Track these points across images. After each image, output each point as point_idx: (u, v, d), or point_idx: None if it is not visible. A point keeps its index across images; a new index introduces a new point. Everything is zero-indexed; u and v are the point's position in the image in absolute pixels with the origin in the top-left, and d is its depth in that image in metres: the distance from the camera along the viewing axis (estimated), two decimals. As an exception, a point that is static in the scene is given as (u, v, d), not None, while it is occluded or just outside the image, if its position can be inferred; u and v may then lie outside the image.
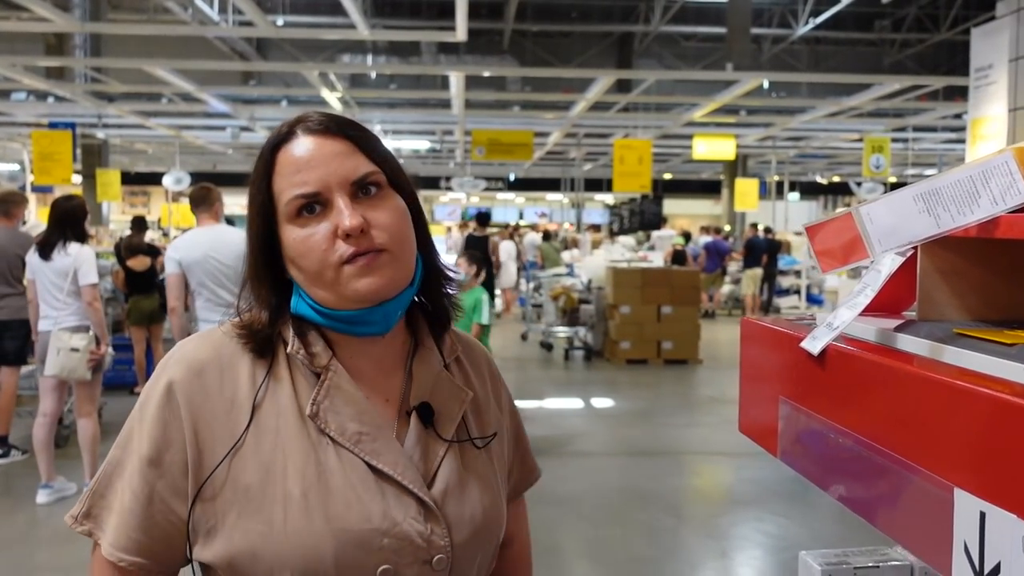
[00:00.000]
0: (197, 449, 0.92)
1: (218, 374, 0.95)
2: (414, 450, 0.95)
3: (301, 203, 0.92)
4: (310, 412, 0.92)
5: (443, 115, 15.29)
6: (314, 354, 0.96)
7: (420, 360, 1.01)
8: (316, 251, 0.92)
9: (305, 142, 0.95)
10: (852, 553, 1.39)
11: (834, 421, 0.98)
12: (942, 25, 21.64)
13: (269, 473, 0.90)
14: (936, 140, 17.98)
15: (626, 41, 23.79)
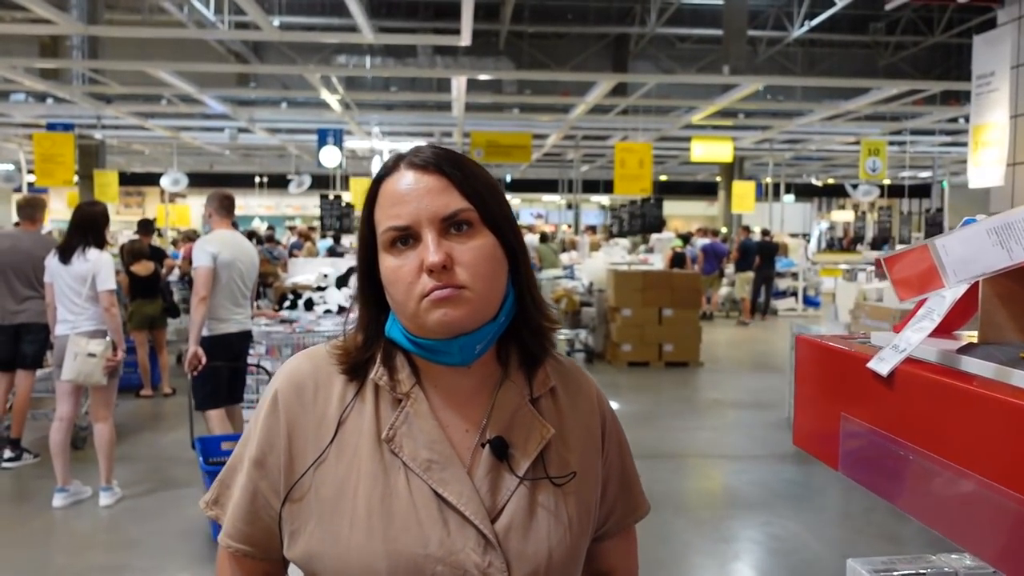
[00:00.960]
0: (289, 455, 1.01)
1: (314, 390, 1.02)
2: (483, 483, 0.98)
3: (394, 235, 0.98)
4: (386, 436, 0.98)
5: (441, 117, 15.33)
6: (398, 381, 1.01)
7: (504, 392, 1.03)
8: (403, 282, 0.96)
9: (406, 176, 0.99)
10: (897, 561, 1.44)
11: (903, 438, 1.03)
12: (936, 28, 21.81)
13: (343, 488, 0.97)
14: (932, 143, 18.10)
15: (622, 43, 23.87)
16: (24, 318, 5.48)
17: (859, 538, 4.66)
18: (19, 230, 5.66)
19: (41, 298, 5.46)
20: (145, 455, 5.79)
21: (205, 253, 4.70)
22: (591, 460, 1.09)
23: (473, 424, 1.02)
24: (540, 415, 1.04)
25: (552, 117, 15.61)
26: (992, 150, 6.29)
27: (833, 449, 1.24)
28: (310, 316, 6.78)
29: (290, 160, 21.00)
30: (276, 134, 17.22)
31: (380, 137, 16.88)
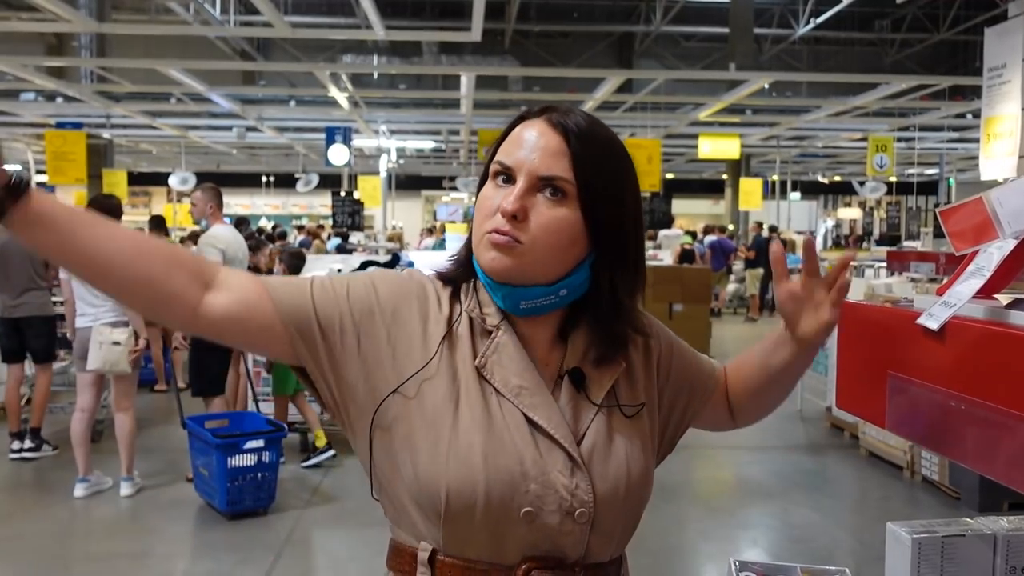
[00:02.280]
0: (391, 345, 1.03)
1: (421, 301, 1.06)
2: (565, 409, 1.03)
3: (497, 169, 1.02)
4: (478, 363, 1.02)
5: (447, 115, 15.36)
6: (487, 314, 1.05)
7: (578, 329, 1.08)
8: (482, 212, 1.02)
9: (536, 126, 1.03)
10: (936, 524, 1.46)
11: (955, 390, 1.06)
12: (942, 25, 21.81)
13: (446, 401, 1.00)
14: (940, 140, 18.09)
15: (627, 41, 23.93)
16: (24, 312, 5.54)
17: (877, 525, 4.67)
18: None
19: (39, 290, 5.55)
20: (162, 447, 5.83)
21: (216, 251, 4.88)
22: (651, 393, 1.15)
23: (552, 362, 1.07)
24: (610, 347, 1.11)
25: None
26: (1004, 142, 6.30)
27: (880, 408, 1.27)
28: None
29: (297, 159, 21.05)
30: (284, 133, 17.27)
31: (387, 135, 16.92)
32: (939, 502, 4.99)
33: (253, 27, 14.14)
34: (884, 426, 1.25)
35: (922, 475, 5.30)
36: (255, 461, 4.49)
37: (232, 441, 4.45)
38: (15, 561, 4.05)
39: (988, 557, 1.42)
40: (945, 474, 5.05)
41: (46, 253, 0.96)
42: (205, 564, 4.04)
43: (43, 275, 5.65)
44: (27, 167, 18.03)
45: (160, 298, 0.97)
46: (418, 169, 26.29)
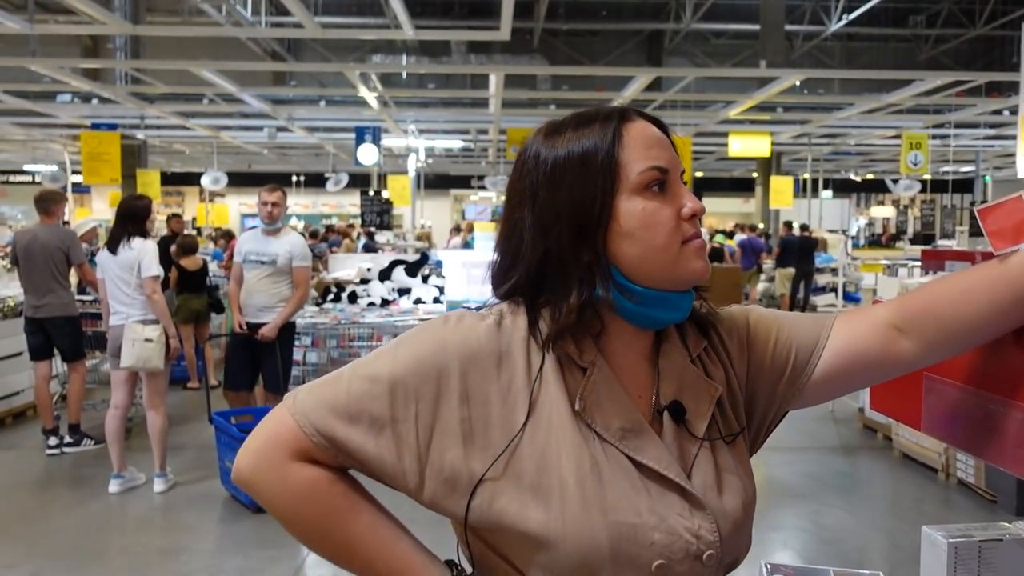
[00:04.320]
0: (469, 424, 0.93)
1: (497, 359, 0.95)
2: (671, 447, 0.96)
3: (655, 177, 0.95)
4: (578, 407, 0.93)
5: (476, 114, 15.39)
6: (582, 349, 0.96)
7: (665, 355, 1.01)
8: (665, 225, 0.95)
9: (648, 125, 0.99)
10: (972, 528, 1.44)
11: (994, 392, 1.04)
12: (978, 21, 21.46)
13: (544, 461, 0.91)
14: (975, 137, 17.80)
15: (656, 39, 23.80)
16: (46, 312, 5.63)
17: (911, 527, 4.61)
18: (38, 225, 5.80)
19: (63, 290, 5.64)
20: (194, 444, 5.90)
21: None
22: (739, 395, 1.06)
23: (644, 389, 1.00)
24: (706, 372, 1.03)
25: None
26: (1042, 138, 6.19)
27: (915, 409, 1.25)
28: (354, 308, 6.86)
29: (327, 159, 21.19)
30: (314, 133, 17.40)
31: (416, 135, 16.99)
32: (975, 505, 4.92)
33: (284, 28, 14.24)
34: (920, 428, 1.23)
35: (957, 477, 5.22)
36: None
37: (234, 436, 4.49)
38: (52, 556, 4.12)
39: (1027, 562, 1.40)
40: (981, 477, 4.97)
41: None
42: (235, 560, 4.09)
43: (66, 275, 5.75)
44: (63, 168, 18.31)
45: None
46: (447, 168, 26.38)
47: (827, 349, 1.05)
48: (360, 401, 0.94)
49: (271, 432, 0.97)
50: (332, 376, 0.99)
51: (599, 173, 0.95)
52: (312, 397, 0.96)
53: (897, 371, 1.06)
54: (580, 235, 0.95)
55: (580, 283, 0.95)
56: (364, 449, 0.94)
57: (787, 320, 1.09)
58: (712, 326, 1.06)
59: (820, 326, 1.06)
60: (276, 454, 0.96)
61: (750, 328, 1.08)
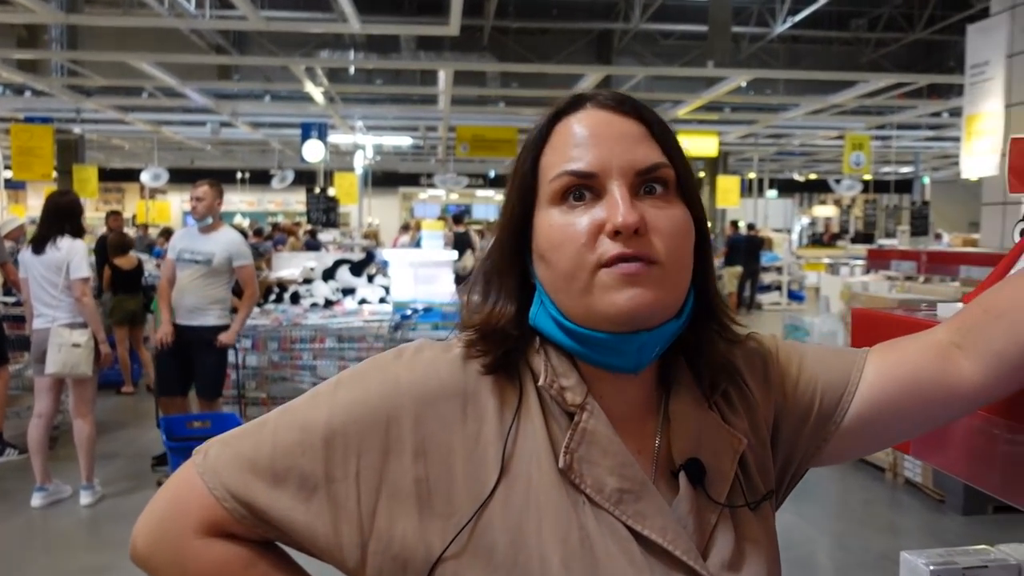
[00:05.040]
0: (427, 486, 0.75)
1: (461, 403, 0.77)
2: (682, 514, 0.77)
3: (569, 182, 0.75)
4: (563, 465, 0.75)
5: (425, 111, 15.22)
6: (566, 388, 0.77)
7: (678, 401, 0.81)
8: (573, 244, 0.74)
9: (592, 115, 0.78)
10: (954, 553, 1.35)
11: (995, 415, 0.93)
12: (917, 24, 21.93)
13: (521, 534, 0.73)
14: (916, 138, 18.18)
15: (605, 38, 23.85)
16: None
17: (861, 530, 4.60)
18: None
19: None
20: (126, 453, 5.65)
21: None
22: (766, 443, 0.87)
23: (646, 443, 0.80)
24: (725, 421, 0.83)
25: (536, 111, 15.49)
26: (986, 139, 6.26)
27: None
28: (297, 309, 6.65)
29: (272, 155, 20.80)
30: (259, 128, 17.03)
31: (364, 131, 16.73)
32: (923, 505, 4.92)
33: (228, 20, 13.89)
34: (908, 452, 1.12)
35: (905, 477, 5.22)
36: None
37: (187, 444, 4.27)
38: (-32, 575, 3.87)
39: (1010, 589, 1.31)
40: (929, 477, 4.97)
41: None
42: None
43: None
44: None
45: None
46: (395, 166, 26.09)
47: (862, 386, 0.85)
48: (288, 456, 0.75)
49: (173, 497, 0.79)
50: (253, 425, 0.80)
51: (518, 176, 0.79)
52: (227, 452, 0.78)
53: (960, 402, 0.84)
54: (512, 251, 0.80)
55: (517, 307, 0.80)
56: (291, 517, 0.75)
57: (809, 352, 0.90)
58: (728, 360, 0.85)
59: (850, 361, 0.87)
60: (178, 527, 0.77)
61: (770, 361, 0.89)
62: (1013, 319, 0.80)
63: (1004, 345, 0.80)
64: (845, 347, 0.93)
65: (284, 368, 5.98)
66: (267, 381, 5.91)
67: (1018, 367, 0.81)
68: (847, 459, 0.93)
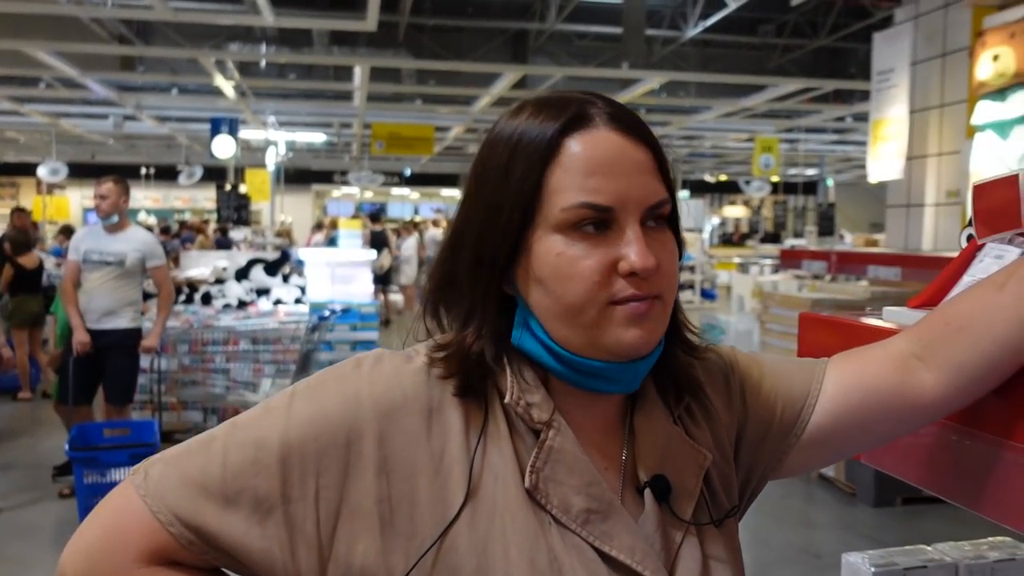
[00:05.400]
0: (390, 503, 0.71)
1: (425, 417, 0.73)
2: (654, 537, 0.76)
3: (587, 215, 0.71)
4: (528, 484, 0.72)
5: (341, 107, 14.95)
6: (532, 405, 0.75)
7: (644, 416, 0.80)
8: (584, 281, 0.71)
9: (605, 138, 0.73)
10: (894, 554, 1.36)
11: (950, 421, 0.92)
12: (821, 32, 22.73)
13: (487, 557, 0.70)
14: (822, 141, 18.82)
15: (521, 38, 23.96)
16: None
17: (779, 524, 4.69)
18: None
19: None
20: (23, 463, 5.35)
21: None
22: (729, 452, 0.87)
23: (613, 459, 0.79)
24: (690, 435, 0.81)
25: (453, 109, 15.44)
26: (891, 144, 6.50)
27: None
28: (209, 310, 6.43)
29: (179, 151, 20.15)
30: (165, 122, 16.46)
31: (276, 127, 16.36)
32: (836, 499, 5.06)
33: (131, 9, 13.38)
34: (859, 458, 1.12)
35: (818, 472, 5.37)
36: (121, 478, 4.12)
37: (90, 454, 4.07)
38: None
39: (948, 588, 1.32)
40: (841, 470, 5.13)
41: None
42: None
43: None
44: None
45: None
46: (308, 163, 25.63)
47: (822, 398, 0.85)
48: (241, 476, 0.70)
49: (110, 523, 0.72)
50: (198, 442, 0.74)
51: (513, 195, 0.73)
52: (172, 472, 0.72)
53: (921, 413, 0.84)
54: (480, 263, 0.75)
55: (479, 321, 0.75)
56: (246, 542, 0.70)
57: (768, 365, 0.89)
58: (691, 374, 0.84)
59: (810, 373, 0.87)
60: (116, 556, 0.70)
61: (731, 374, 0.88)
62: (976, 333, 0.80)
63: (966, 358, 0.81)
64: (804, 358, 0.92)
65: (195, 372, 5.77)
66: (177, 385, 5.69)
67: (979, 379, 0.81)
68: (808, 471, 0.93)
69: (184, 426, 5.71)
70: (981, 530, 1.37)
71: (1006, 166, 4.78)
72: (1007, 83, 4.78)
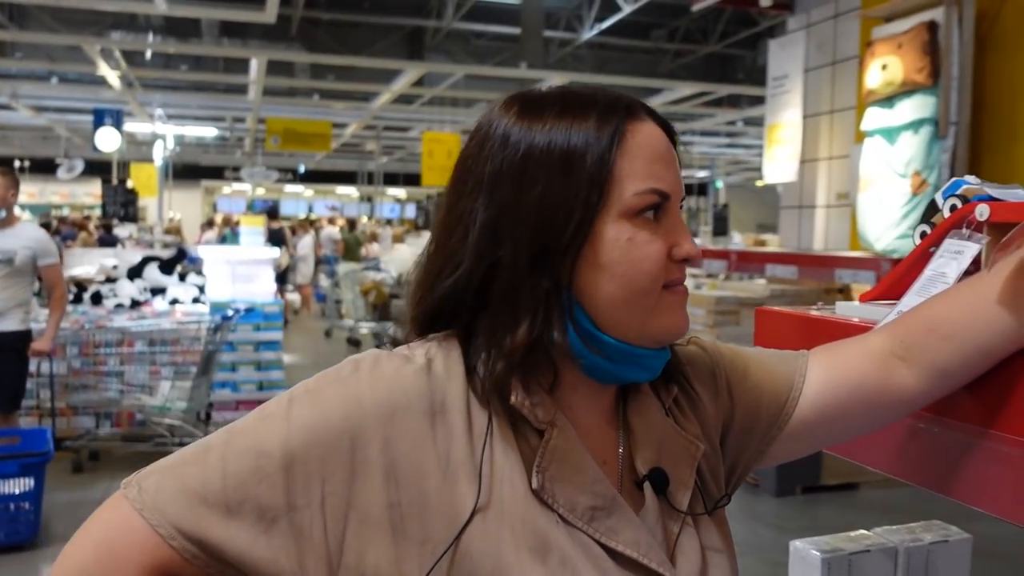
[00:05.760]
0: (400, 509, 0.70)
1: (429, 418, 0.72)
2: (656, 529, 0.77)
3: (653, 200, 0.74)
4: (535, 485, 0.72)
5: (234, 101, 14.51)
6: (537, 404, 0.74)
7: (637, 410, 0.82)
8: (655, 263, 0.74)
9: (656, 130, 0.77)
10: (839, 540, 1.41)
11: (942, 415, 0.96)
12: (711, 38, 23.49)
13: (500, 558, 0.70)
14: (714, 144, 19.45)
15: (418, 35, 23.81)
16: None
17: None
18: None
19: None
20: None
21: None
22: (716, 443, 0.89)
23: (610, 454, 0.80)
24: (680, 427, 0.83)
25: (349, 105, 15.22)
26: (786, 147, 6.76)
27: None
28: (100, 311, 6.12)
29: (58, 143, 19.14)
30: (42, 113, 15.59)
31: (164, 120, 15.73)
32: (741, 489, 5.20)
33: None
34: (834, 452, 1.15)
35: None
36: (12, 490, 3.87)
37: None
38: None
39: (890, 570, 1.39)
40: (743, 462, 5.31)
41: None
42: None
43: None
44: None
45: None
46: (197, 158, 24.79)
47: (806, 390, 0.88)
48: (243, 486, 0.68)
49: (104, 540, 0.68)
50: (193, 452, 0.71)
51: (585, 183, 0.73)
52: (169, 484, 0.69)
53: (898, 410, 0.89)
54: (542, 255, 0.73)
55: (533, 316, 0.73)
56: (252, 553, 0.67)
57: (753, 357, 0.92)
58: (679, 367, 0.86)
59: (792, 365, 0.90)
60: (114, 574, 0.66)
61: (717, 367, 0.90)
62: (961, 341, 0.83)
63: (949, 363, 0.85)
64: (784, 351, 0.94)
65: (86, 375, 5.48)
66: (67, 390, 5.39)
67: (959, 380, 0.86)
68: (788, 460, 0.95)
69: (74, 432, 5.43)
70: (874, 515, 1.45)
71: (893, 170, 5.04)
72: (895, 91, 5.03)
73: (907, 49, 4.81)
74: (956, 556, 1.40)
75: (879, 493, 4.89)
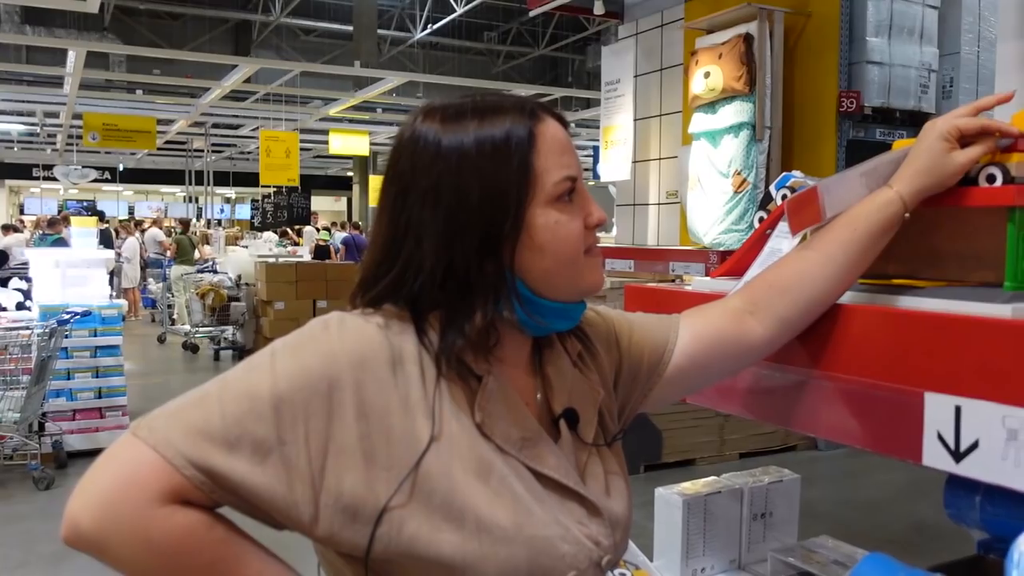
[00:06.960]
0: (370, 441, 0.82)
1: (391, 365, 0.86)
2: (571, 457, 0.95)
3: (569, 187, 0.92)
4: (478, 420, 0.88)
5: (45, 94, 13.60)
6: (475, 355, 0.91)
7: (550, 361, 0.99)
8: (574, 238, 0.92)
9: (556, 126, 0.94)
10: (697, 485, 1.64)
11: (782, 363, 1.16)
12: (541, 42, 24.15)
13: (451, 479, 0.84)
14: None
15: (244, 29, 23.06)
16: None
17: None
18: None
19: None
20: None
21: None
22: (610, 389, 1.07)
23: (530, 397, 0.97)
24: (584, 376, 1.02)
25: (174, 100, 14.60)
26: (619, 148, 7.15)
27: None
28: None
29: None
30: None
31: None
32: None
33: None
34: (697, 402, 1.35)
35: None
36: None
37: None
38: None
39: (737, 508, 1.63)
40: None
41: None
42: None
43: None
44: None
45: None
46: (2, 155, 22.95)
47: (679, 344, 1.08)
48: (239, 424, 0.80)
49: (125, 472, 0.77)
50: (193, 397, 0.82)
51: (512, 181, 0.89)
52: (176, 423, 0.79)
53: (751, 355, 1.11)
54: (485, 246, 0.88)
55: (485, 302, 0.89)
56: (251, 480, 0.79)
57: (636, 320, 1.12)
58: (581, 327, 1.05)
59: (667, 325, 1.10)
60: (135, 499, 0.76)
61: (609, 327, 1.09)
62: (797, 293, 1.09)
63: (788, 313, 1.09)
64: (661, 314, 1.15)
65: (-101, 388, 5.06)
66: None
67: (795, 327, 1.10)
68: (667, 403, 1.16)
69: None
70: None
71: (717, 170, 5.48)
72: (716, 97, 5.43)
73: (726, 59, 5.23)
74: (789, 492, 1.67)
75: (711, 467, 5.33)
